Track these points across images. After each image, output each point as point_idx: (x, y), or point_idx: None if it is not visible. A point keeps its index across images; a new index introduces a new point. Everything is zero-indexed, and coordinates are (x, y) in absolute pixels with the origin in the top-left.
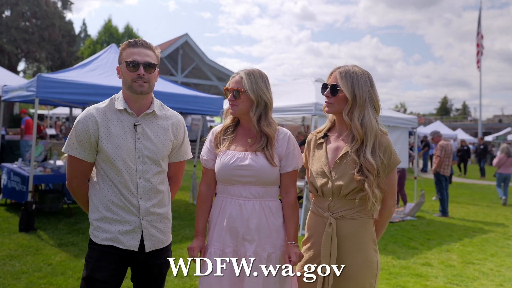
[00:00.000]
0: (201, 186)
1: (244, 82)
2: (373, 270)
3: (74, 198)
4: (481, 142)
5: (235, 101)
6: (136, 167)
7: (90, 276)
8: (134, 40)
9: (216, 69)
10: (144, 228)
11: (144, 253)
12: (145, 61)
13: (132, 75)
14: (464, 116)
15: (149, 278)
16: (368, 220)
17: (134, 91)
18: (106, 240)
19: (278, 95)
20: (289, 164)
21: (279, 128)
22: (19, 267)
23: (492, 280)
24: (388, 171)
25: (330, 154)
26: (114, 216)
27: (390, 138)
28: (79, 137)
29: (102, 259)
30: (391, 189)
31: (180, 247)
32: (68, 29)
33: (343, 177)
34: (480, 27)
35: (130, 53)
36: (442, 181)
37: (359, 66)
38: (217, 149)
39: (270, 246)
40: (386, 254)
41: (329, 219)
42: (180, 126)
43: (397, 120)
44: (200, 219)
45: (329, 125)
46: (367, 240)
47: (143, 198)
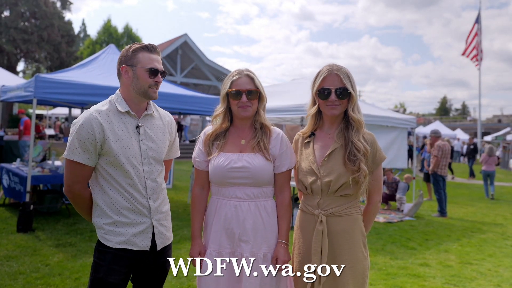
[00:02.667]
0: (194, 188)
1: (256, 82)
2: (364, 265)
3: (73, 204)
4: (471, 141)
5: (249, 102)
6: (143, 169)
7: (104, 279)
8: (151, 46)
9: (215, 69)
10: (155, 227)
11: (156, 252)
12: (162, 70)
13: (150, 82)
14: (464, 116)
15: (153, 277)
16: (358, 216)
17: (148, 96)
18: (120, 244)
19: (277, 95)
20: (283, 164)
21: (271, 128)
22: (16, 268)
23: (490, 280)
24: (374, 167)
25: (318, 152)
26: (126, 220)
27: (387, 138)
28: (82, 142)
29: (115, 262)
30: (377, 185)
31: (178, 247)
32: (67, 29)
33: (331, 173)
34: (480, 26)
35: (149, 59)
36: (440, 181)
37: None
38: (209, 156)
39: (265, 246)
40: (384, 254)
41: (320, 217)
42: (173, 124)
43: (395, 120)
44: (196, 220)
45: (314, 126)
46: (357, 236)
47: (151, 199)
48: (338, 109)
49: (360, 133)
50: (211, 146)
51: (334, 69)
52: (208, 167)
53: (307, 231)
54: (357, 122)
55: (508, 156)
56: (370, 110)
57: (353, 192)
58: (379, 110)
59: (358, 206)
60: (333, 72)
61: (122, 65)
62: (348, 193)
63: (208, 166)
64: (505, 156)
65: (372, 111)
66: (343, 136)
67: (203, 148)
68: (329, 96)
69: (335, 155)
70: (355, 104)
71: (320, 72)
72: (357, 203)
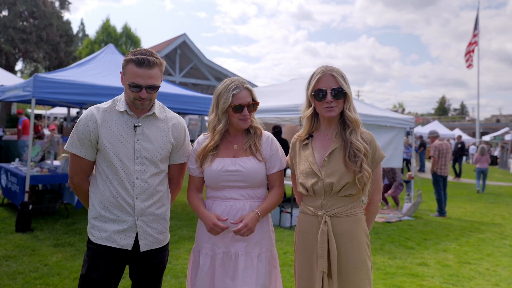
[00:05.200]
0: (189, 192)
1: (254, 93)
2: (369, 266)
3: (76, 195)
4: (459, 140)
5: (249, 114)
6: (134, 168)
7: (87, 275)
8: (139, 59)
9: (214, 69)
10: (139, 227)
11: (139, 253)
12: (147, 85)
13: (134, 95)
14: (462, 116)
15: (146, 277)
16: (361, 216)
17: (135, 107)
18: (101, 240)
19: (276, 95)
20: (274, 165)
21: (262, 131)
22: (15, 268)
23: (488, 280)
24: (374, 166)
25: (317, 154)
26: (110, 215)
27: (385, 138)
28: (80, 136)
29: (97, 259)
30: (377, 184)
31: (176, 247)
32: (66, 29)
33: (333, 174)
34: (478, 26)
35: (133, 73)
36: (439, 181)
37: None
38: (202, 166)
39: (259, 246)
40: (383, 254)
41: (324, 217)
42: (181, 128)
43: (393, 120)
44: (199, 205)
45: (310, 128)
46: (362, 236)
47: (139, 198)
48: (335, 110)
49: (357, 132)
50: (204, 159)
51: (328, 70)
52: (202, 174)
53: (310, 233)
54: (354, 122)
55: (507, 156)
56: (369, 110)
57: (356, 192)
58: (377, 110)
59: (361, 206)
60: (327, 73)
61: (121, 71)
62: (351, 193)
63: (201, 173)
64: (504, 156)
65: (371, 111)
66: (341, 136)
67: (195, 161)
68: (325, 97)
69: (335, 156)
70: (351, 104)
71: (314, 74)
72: (359, 203)
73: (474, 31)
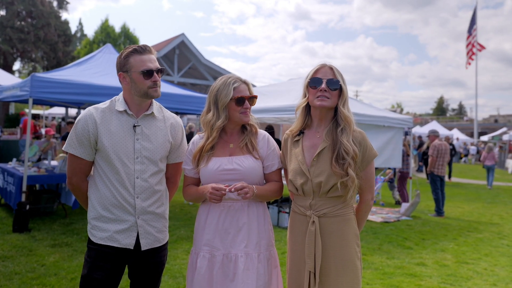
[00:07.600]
0: (184, 187)
1: (250, 87)
2: (357, 266)
3: (74, 196)
4: (448, 141)
5: (249, 108)
6: (134, 167)
7: (89, 275)
8: (140, 47)
9: (212, 69)
10: (140, 226)
11: (140, 252)
12: (156, 67)
13: (148, 83)
14: (460, 116)
15: (146, 276)
16: (350, 216)
17: (150, 96)
18: (102, 240)
19: (274, 95)
20: (273, 163)
21: (258, 129)
22: (12, 268)
23: (486, 279)
24: (365, 164)
25: (307, 152)
26: (111, 215)
27: (383, 138)
28: (79, 136)
29: (99, 259)
30: (369, 183)
31: (175, 247)
32: (64, 28)
33: (321, 174)
34: (476, 26)
35: (141, 61)
36: (437, 181)
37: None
38: (198, 167)
39: (258, 247)
40: (381, 254)
41: (312, 217)
42: (179, 128)
43: (392, 120)
44: (196, 188)
45: (303, 123)
46: (350, 236)
47: (139, 198)
48: (327, 101)
49: (349, 132)
50: (200, 160)
51: (328, 64)
52: (198, 174)
53: (299, 232)
54: (346, 119)
55: (505, 156)
56: (367, 110)
57: (343, 194)
58: (376, 110)
59: (351, 206)
60: (326, 66)
61: (119, 73)
62: (340, 194)
63: (197, 173)
64: (502, 156)
65: (369, 111)
66: (331, 135)
67: (191, 162)
68: (320, 85)
69: (323, 156)
70: (346, 101)
71: (313, 67)
72: (349, 204)
73: (472, 28)
